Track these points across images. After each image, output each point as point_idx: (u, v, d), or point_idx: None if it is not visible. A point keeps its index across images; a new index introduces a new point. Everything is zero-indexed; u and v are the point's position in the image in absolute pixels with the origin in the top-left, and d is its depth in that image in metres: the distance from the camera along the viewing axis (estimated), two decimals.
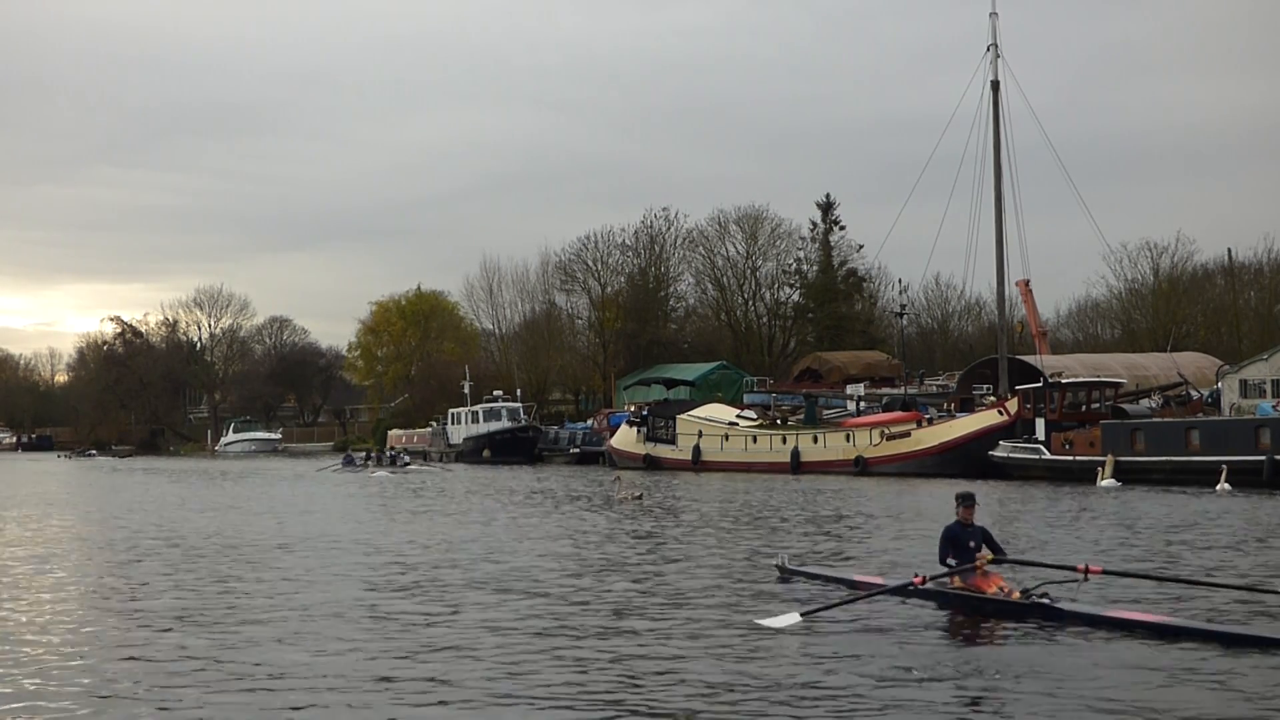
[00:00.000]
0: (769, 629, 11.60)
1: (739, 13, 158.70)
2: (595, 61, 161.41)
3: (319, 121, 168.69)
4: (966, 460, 42.54)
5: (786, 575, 15.02)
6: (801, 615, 12.06)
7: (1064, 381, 43.64)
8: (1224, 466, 32.40)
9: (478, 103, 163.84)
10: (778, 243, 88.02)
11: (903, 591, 12.85)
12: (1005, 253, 47.15)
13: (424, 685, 9.66)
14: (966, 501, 12.94)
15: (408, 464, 58.76)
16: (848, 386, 65.94)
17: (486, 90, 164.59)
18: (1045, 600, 11.84)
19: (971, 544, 12.63)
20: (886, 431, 46.01)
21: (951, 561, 12.67)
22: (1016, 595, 12.14)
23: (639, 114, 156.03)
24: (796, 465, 47.81)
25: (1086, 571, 12.15)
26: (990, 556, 12.50)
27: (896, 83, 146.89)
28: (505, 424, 70.12)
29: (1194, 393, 47.51)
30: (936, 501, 28.59)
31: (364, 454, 62.52)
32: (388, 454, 62.07)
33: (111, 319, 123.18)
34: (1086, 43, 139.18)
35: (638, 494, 32.97)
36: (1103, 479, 35.38)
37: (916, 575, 12.83)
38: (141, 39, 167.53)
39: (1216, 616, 11.86)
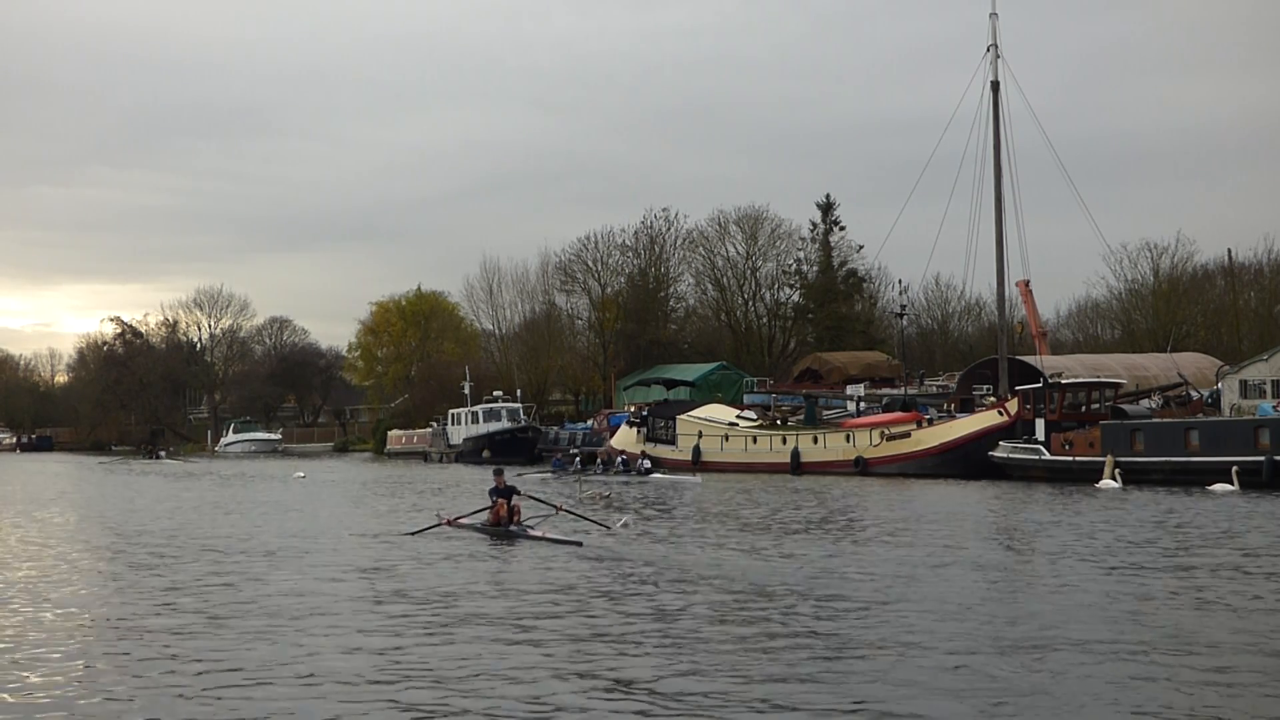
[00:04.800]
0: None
1: (733, 13, 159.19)
2: (590, 62, 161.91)
3: (316, 122, 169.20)
4: (966, 461, 42.47)
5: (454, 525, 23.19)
6: (410, 533, 22.15)
7: (1064, 382, 43.55)
8: (1235, 467, 32.24)
9: (474, 103, 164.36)
10: (778, 243, 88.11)
11: (444, 524, 22.50)
12: (1005, 253, 47.17)
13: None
14: (498, 473, 22.38)
15: (649, 470, 43.40)
16: (848, 387, 65.91)
17: (483, 91, 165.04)
18: (515, 528, 20.90)
19: (500, 498, 21.45)
20: (886, 432, 45.96)
21: (483, 505, 22.29)
22: (514, 524, 21.03)
23: (636, 114, 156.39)
24: (796, 466, 47.75)
25: (559, 509, 22.39)
26: (507, 503, 21.28)
27: (893, 83, 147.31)
28: (505, 424, 70.04)
29: (1194, 393, 47.44)
30: (932, 503, 28.46)
31: (567, 458, 48.37)
32: (605, 457, 46.96)
33: (111, 319, 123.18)
34: (1086, 43, 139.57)
35: (606, 493, 32.74)
36: (1103, 480, 35.30)
37: (448, 516, 23.04)
38: (138, 39, 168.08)
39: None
